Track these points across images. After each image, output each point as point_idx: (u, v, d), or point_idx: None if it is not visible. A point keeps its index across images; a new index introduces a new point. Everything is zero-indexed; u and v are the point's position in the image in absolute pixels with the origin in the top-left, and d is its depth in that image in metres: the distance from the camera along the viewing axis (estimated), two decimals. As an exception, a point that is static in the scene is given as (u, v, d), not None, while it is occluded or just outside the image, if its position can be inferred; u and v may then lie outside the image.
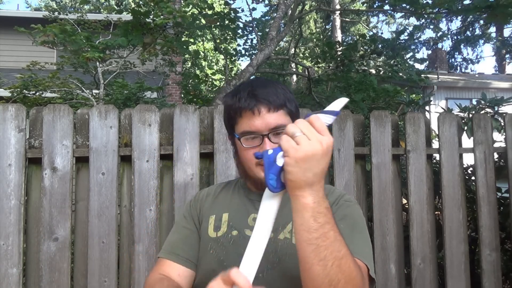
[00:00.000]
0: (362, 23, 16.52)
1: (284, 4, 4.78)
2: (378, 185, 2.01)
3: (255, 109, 0.90)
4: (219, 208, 1.03)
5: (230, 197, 1.06)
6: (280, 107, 0.92)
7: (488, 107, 2.51)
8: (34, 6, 21.99)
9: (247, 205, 1.01)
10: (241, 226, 0.97)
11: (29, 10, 20.34)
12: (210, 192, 1.11)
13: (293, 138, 0.66)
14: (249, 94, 0.91)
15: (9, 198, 1.69)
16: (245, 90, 0.93)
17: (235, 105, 0.92)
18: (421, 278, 2.01)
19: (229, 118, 0.96)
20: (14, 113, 1.72)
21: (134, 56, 4.74)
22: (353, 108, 4.24)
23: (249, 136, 0.92)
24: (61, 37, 3.69)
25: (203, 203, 1.07)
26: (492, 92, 10.03)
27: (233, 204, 1.03)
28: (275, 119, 0.90)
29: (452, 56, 20.90)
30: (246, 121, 0.91)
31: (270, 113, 0.90)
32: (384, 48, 5.57)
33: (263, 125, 0.90)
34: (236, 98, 0.93)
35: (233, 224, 0.98)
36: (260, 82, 0.96)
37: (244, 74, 4.34)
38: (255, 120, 0.90)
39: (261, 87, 0.93)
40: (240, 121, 0.92)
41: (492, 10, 3.98)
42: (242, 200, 1.03)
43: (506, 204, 2.45)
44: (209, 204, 1.06)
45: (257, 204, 0.94)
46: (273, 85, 0.95)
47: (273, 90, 0.92)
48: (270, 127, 0.90)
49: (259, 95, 0.90)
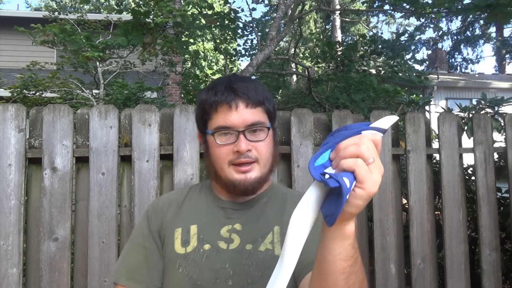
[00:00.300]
0: (362, 23, 16.52)
1: (284, 4, 4.78)
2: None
3: (233, 103, 0.83)
4: (185, 219, 0.92)
5: (196, 205, 0.95)
6: (258, 103, 0.86)
7: (488, 107, 2.51)
8: (34, 6, 22.00)
9: (217, 214, 0.92)
10: (214, 239, 0.88)
11: (29, 10, 20.34)
12: (172, 201, 0.98)
13: (368, 164, 0.52)
14: (226, 87, 0.85)
15: (9, 198, 1.69)
16: (222, 84, 0.87)
17: (211, 99, 0.85)
18: (421, 278, 2.01)
19: (203, 113, 0.88)
20: (14, 113, 1.72)
21: (134, 56, 4.74)
22: (353, 108, 4.25)
23: (223, 132, 0.84)
24: (61, 37, 3.69)
25: (164, 215, 0.94)
26: (492, 92, 10.03)
27: (201, 214, 0.93)
28: (253, 115, 0.85)
29: (452, 56, 20.91)
30: (222, 116, 0.84)
31: (248, 109, 0.84)
32: (384, 48, 5.57)
33: (239, 121, 0.83)
34: (212, 91, 0.86)
35: (204, 237, 0.88)
36: (239, 77, 0.90)
37: (244, 74, 4.33)
38: (231, 115, 0.83)
39: (240, 81, 0.87)
40: (215, 116, 0.85)
41: (492, 9, 3.97)
42: (212, 209, 0.93)
43: (506, 204, 2.45)
44: (173, 215, 0.94)
45: (230, 213, 0.90)
46: (253, 82, 0.90)
47: (252, 86, 0.87)
48: (247, 123, 0.84)
49: (238, 89, 0.85)
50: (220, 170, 0.87)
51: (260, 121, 0.85)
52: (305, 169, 1.91)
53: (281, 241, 0.86)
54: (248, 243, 0.86)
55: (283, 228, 0.86)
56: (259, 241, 0.86)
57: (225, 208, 0.92)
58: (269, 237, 0.87)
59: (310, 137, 1.94)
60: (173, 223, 0.92)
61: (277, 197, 0.95)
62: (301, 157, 1.92)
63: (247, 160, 0.84)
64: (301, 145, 1.93)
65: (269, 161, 0.88)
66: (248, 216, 0.90)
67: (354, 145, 0.53)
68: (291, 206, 0.89)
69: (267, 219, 0.90)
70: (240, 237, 0.87)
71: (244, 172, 0.84)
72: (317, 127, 2.03)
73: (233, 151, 0.83)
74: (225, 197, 0.93)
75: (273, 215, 0.90)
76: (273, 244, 0.86)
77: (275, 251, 0.85)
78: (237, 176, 0.85)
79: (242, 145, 0.82)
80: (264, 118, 0.87)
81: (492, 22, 11.29)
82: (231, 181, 0.85)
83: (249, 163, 0.85)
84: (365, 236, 2.04)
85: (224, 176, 0.86)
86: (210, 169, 0.91)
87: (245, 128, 0.84)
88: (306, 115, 1.96)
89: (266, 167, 0.88)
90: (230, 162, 0.84)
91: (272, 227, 0.88)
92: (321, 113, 2.46)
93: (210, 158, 0.89)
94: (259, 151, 0.85)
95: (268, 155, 0.87)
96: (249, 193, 0.87)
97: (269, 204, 0.93)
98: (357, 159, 0.52)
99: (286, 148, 1.93)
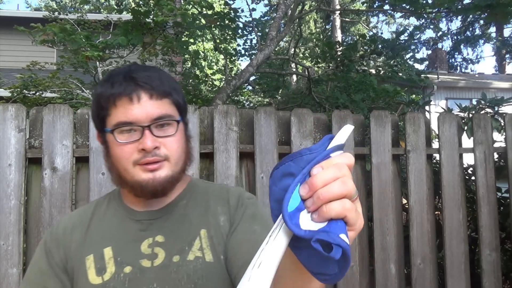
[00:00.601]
0: (362, 23, 16.52)
1: (284, 4, 4.78)
2: (378, 185, 2.01)
3: (134, 95, 0.73)
4: (96, 243, 0.78)
5: (107, 223, 0.82)
6: (164, 94, 0.76)
7: (488, 107, 2.51)
8: (34, 6, 22.01)
9: (133, 229, 0.79)
10: (134, 258, 0.76)
11: (29, 10, 20.35)
12: (76, 224, 0.83)
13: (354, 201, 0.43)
14: (125, 77, 0.74)
15: (9, 198, 1.69)
16: (120, 74, 0.76)
17: (107, 92, 0.74)
18: (421, 278, 2.01)
19: (99, 109, 0.76)
20: (14, 113, 1.72)
21: (134, 56, 4.74)
22: (353, 108, 4.25)
23: (124, 128, 0.73)
24: (60, 36, 3.69)
25: (68, 243, 0.80)
26: (492, 92, 10.03)
27: (114, 232, 0.80)
28: (159, 107, 0.74)
29: (452, 56, 20.92)
30: (122, 110, 0.73)
31: (152, 101, 0.74)
32: (384, 48, 5.57)
33: (143, 115, 0.73)
34: (108, 83, 0.75)
35: (122, 259, 0.76)
36: (140, 66, 0.79)
37: (244, 74, 4.34)
38: (133, 109, 0.72)
39: (141, 70, 0.76)
40: (113, 112, 0.74)
41: (492, 9, 3.98)
42: (126, 224, 0.80)
43: (506, 204, 2.45)
44: (80, 241, 0.80)
45: (147, 224, 0.79)
46: (156, 70, 0.79)
47: (156, 75, 0.77)
48: (152, 117, 0.73)
49: (139, 79, 0.74)
50: (124, 172, 0.75)
51: (168, 114, 0.75)
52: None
53: (210, 244, 0.77)
54: (175, 255, 0.76)
55: (210, 230, 0.79)
56: (187, 250, 0.76)
57: (141, 220, 0.80)
58: (197, 243, 0.77)
59: (310, 137, 1.94)
60: (81, 251, 0.78)
61: (198, 195, 0.85)
62: (301, 157, 1.92)
63: (155, 159, 0.74)
64: (301, 145, 1.93)
65: (181, 158, 0.78)
66: (169, 224, 0.80)
67: (335, 180, 0.41)
68: (215, 202, 0.83)
69: (191, 223, 0.80)
70: (164, 250, 0.76)
71: (152, 170, 0.74)
72: (317, 127, 2.03)
73: (138, 149, 0.73)
74: (139, 207, 0.81)
75: (197, 217, 0.81)
76: (202, 250, 0.77)
77: (205, 258, 0.76)
78: (144, 176, 0.74)
79: (148, 142, 0.72)
80: (172, 110, 0.77)
81: (492, 21, 11.29)
82: (138, 182, 0.74)
83: (157, 162, 0.74)
84: (365, 236, 2.04)
85: (130, 178, 0.75)
86: (113, 173, 0.78)
87: (151, 123, 0.73)
88: (306, 115, 1.96)
89: (178, 166, 0.77)
90: (135, 162, 0.73)
91: (198, 231, 0.79)
92: (321, 113, 2.46)
93: (112, 160, 0.77)
94: (169, 147, 0.75)
95: (179, 152, 0.78)
96: (158, 194, 0.76)
97: (190, 206, 0.83)
98: (343, 201, 0.41)
99: (286, 148, 1.94)
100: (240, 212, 0.81)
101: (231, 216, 0.81)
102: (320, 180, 0.41)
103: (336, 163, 0.42)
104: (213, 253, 0.77)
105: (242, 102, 9.07)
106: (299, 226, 0.42)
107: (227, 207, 0.82)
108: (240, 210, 0.81)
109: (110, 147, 0.76)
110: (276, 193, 0.45)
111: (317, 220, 0.42)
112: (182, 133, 0.80)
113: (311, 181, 0.41)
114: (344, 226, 0.42)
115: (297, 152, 0.45)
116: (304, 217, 0.43)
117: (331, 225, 0.42)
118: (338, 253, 0.40)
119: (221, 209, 0.82)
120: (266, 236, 0.74)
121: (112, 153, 0.76)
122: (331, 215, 0.41)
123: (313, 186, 0.41)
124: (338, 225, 0.42)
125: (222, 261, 0.76)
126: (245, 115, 1.97)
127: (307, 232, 0.41)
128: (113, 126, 0.74)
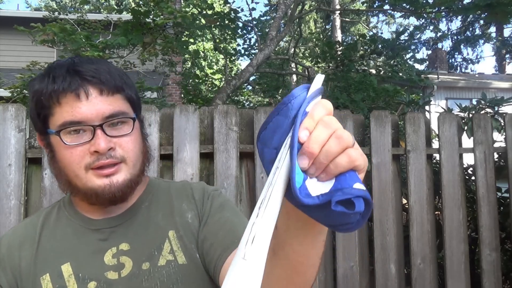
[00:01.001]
0: (362, 23, 16.52)
1: (284, 4, 4.78)
2: (378, 185, 2.01)
3: (81, 91, 0.64)
4: (51, 260, 0.70)
5: (60, 235, 0.72)
6: (116, 90, 0.68)
7: (488, 107, 2.51)
8: (34, 6, 22.01)
9: (93, 240, 0.71)
10: (99, 272, 0.68)
11: (29, 10, 20.35)
12: (22, 239, 0.73)
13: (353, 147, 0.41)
14: (69, 71, 0.65)
15: (9, 198, 1.69)
16: (62, 67, 0.66)
17: (48, 88, 0.64)
18: (421, 278, 2.01)
19: (40, 108, 0.66)
20: (14, 113, 1.72)
21: (134, 56, 4.74)
22: (353, 108, 4.25)
23: (72, 129, 0.65)
24: (60, 36, 3.69)
25: (17, 261, 0.71)
26: (492, 92, 10.03)
27: (71, 245, 0.71)
28: (111, 104, 0.66)
29: (452, 56, 20.92)
30: (68, 108, 0.64)
31: (103, 97, 0.66)
32: (384, 48, 5.58)
33: (93, 113, 0.65)
34: (49, 79, 0.65)
35: (84, 274, 0.68)
36: (84, 58, 0.70)
37: (244, 74, 4.34)
38: (81, 106, 0.64)
39: (87, 63, 0.67)
40: (58, 110, 0.65)
41: (492, 9, 3.98)
42: (83, 235, 0.72)
43: (506, 204, 2.45)
44: (30, 259, 0.70)
45: (108, 233, 0.72)
46: (104, 63, 0.70)
47: (105, 67, 0.68)
48: (104, 115, 0.65)
49: (85, 73, 0.65)
50: (74, 178, 0.67)
51: (122, 111, 0.68)
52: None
53: (181, 245, 0.72)
54: (144, 262, 0.70)
55: (179, 230, 0.73)
56: (156, 255, 0.71)
57: (101, 229, 0.72)
58: (166, 246, 0.72)
59: (310, 137, 1.94)
60: (34, 270, 0.69)
61: (160, 196, 0.79)
62: (301, 157, 1.92)
63: (110, 162, 0.66)
64: (301, 145, 1.93)
65: (139, 159, 0.72)
66: (133, 230, 0.73)
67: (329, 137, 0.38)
68: (179, 200, 0.78)
69: (157, 225, 0.74)
70: (131, 258, 0.70)
71: (108, 175, 0.66)
72: (317, 127, 2.03)
73: (90, 152, 0.65)
74: (96, 214, 0.73)
75: (163, 218, 0.75)
76: (173, 253, 0.71)
77: (178, 260, 0.71)
78: (99, 182, 0.66)
79: (101, 143, 0.64)
80: (126, 107, 0.69)
81: (492, 21, 11.29)
82: (92, 190, 0.66)
83: (113, 165, 0.67)
84: (365, 236, 2.04)
85: (82, 185, 0.67)
86: (61, 180, 0.69)
87: (102, 122, 0.65)
88: (306, 115, 1.96)
89: (136, 167, 0.71)
90: (87, 166, 0.65)
91: (166, 233, 0.73)
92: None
93: (59, 165, 0.68)
94: (125, 148, 0.68)
95: (137, 152, 0.71)
96: (117, 201, 0.69)
97: (153, 208, 0.76)
98: (347, 153, 0.39)
99: (286, 148, 1.93)
100: (208, 205, 0.76)
101: (199, 211, 0.76)
102: (316, 145, 0.38)
103: (320, 118, 0.39)
104: (185, 254, 0.72)
105: (242, 102, 9.07)
106: (309, 195, 0.39)
107: (193, 202, 0.77)
108: (207, 202, 0.76)
109: (56, 150, 0.67)
110: (268, 154, 0.42)
111: (325, 179, 0.39)
112: (138, 131, 0.73)
113: (307, 150, 0.38)
114: (354, 174, 0.40)
115: (280, 103, 0.42)
116: (311, 183, 0.40)
117: (341, 179, 0.39)
118: (361, 205, 0.38)
119: (187, 205, 0.77)
120: (238, 221, 0.70)
121: (59, 157, 0.67)
122: (340, 171, 0.39)
123: (311, 155, 0.38)
124: (348, 175, 0.39)
125: (198, 259, 0.71)
126: (245, 115, 1.97)
127: (320, 197, 0.39)
128: (58, 127, 0.65)
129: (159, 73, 6.42)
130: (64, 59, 0.70)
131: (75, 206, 0.75)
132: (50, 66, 0.69)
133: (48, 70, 0.67)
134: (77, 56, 0.73)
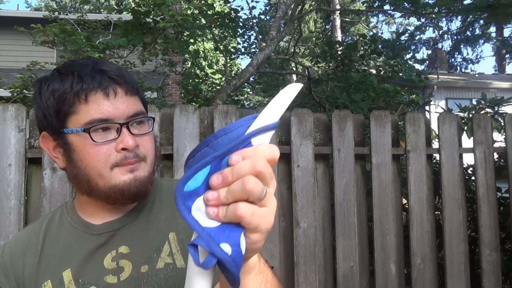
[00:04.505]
0: (362, 23, 16.52)
1: (284, 3, 4.78)
2: (378, 185, 2.01)
3: (110, 89, 0.66)
4: (52, 267, 0.70)
5: (61, 242, 0.72)
6: (136, 91, 0.70)
7: (488, 107, 2.51)
8: (34, 6, 22.01)
9: (93, 244, 0.71)
10: (98, 276, 0.69)
11: (29, 10, 20.35)
12: (25, 247, 0.73)
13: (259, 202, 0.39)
14: (96, 70, 0.66)
15: (9, 198, 1.69)
16: (85, 66, 0.67)
17: (76, 87, 0.64)
18: (421, 278, 2.01)
19: (61, 106, 0.66)
20: (14, 113, 1.72)
21: (134, 56, 4.74)
22: (353, 108, 4.25)
23: (99, 126, 0.65)
24: (61, 37, 3.69)
25: (20, 269, 0.71)
26: (492, 92, 10.04)
27: (72, 252, 0.71)
28: (134, 104, 0.69)
29: (452, 56, 20.91)
30: (95, 106, 0.65)
31: (127, 96, 0.68)
32: (384, 48, 5.58)
33: (120, 111, 0.66)
34: (72, 78, 0.65)
35: (84, 279, 0.69)
36: (100, 60, 0.71)
37: (244, 74, 4.34)
38: (109, 104, 0.65)
39: (107, 63, 0.69)
40: (84, 108, 0.65)
41: (493, 9, 3.98)
42: (83, 240, 0.72)
43: (506, 204, 2.45)
44: (33, 266, 0.71)
45: (108, 237, 0.72)
46: (117, 66, 0.72)
47: (123, 69, 0.70)
48: (128, 115, 0.67)
49: (111, 72, 0.67)
50: (97, 178, 0.66)
51: (142, 111, 0.70)
52: (306, 169, 1.91)
53: (181, 248, 0.71)
54: (143, 265, 0.70)
55: (180, 233, 0.73)
56: (155, 258, 0.70)
57: (101, 233, 0.72)
58: (166, 248, 0.71)
59: (310, 137, 1.94)
60: (36, 278, 0.70)
61: (163, 196, 0.78)
62: (301, 157, 1.92)
63: (136, 160, 0.68)
64: (301, 145, 1.93)
65: (154, 159, 0.73)
66: (133, 233, 0.72)
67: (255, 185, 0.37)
68: None
69: (158, 227, 0.73)
70: (131, 261, 0.70)
71: (132, 170, 0.67)
72: (317, 127, 2.03)
73: (117, 149, 0.66)
74: (97, 219, 0.73)
75: (164, 220, 0.74)
76: (172, 256, 0.71)
77: (176, 263, 0.70)
78: (124, 178, 0.67)
79: (129, 141, 0.65)
80: (142, 108, 0.72)
81: (493, 22, 11.29)
82: (116, 187, 0.66)
83: (135, 163, 0.68)
84: (365, 236, 2.04)
85: (104, 184, 0.66)
86: (80, 180, 0.68)
87: (128, 120, 0.67)
88: (306, 115, 1.96)
89: (152, 167, 0.72)
90: (113, 164, 0.66)
91: (166, 235, 0.72)
92: (321, 113, 2.47)
93: (78, 165, 0.67)
94: (145, 146, 0.70)
95: (153, 151, 0.72)
96: (140, 196, 0.69)
97: (155, 209, 0.76)
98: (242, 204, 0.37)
99: (286, 148, 1.93)
100: None
101: None
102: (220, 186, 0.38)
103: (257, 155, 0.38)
104: (184, 257, 0.70)
105: (242, 102, 9.07)
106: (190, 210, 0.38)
107: None
108: None
109: (76, 150, 0.66)
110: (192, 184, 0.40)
111: (208, 217, 0.38)
112: (153, 131, 0.74)
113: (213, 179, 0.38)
114: (238, 230, 0.38)
115: (212, 135, 0.41)
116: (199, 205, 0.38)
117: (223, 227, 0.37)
118: (209, 263, 0.36)
119: None
120: None
121: (81, 156, 0.66)
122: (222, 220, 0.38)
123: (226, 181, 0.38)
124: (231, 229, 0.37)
125: None
126: (245, 115, 1.96)
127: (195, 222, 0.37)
128: (85, 124, 0.64)
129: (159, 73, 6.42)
130: (78, 59, 0.71)
131: (78, 211, 0.75)
132: (68, 65, 0.69)
133: (69, 68, 0.67)
134: (89, 57, 0.73)
